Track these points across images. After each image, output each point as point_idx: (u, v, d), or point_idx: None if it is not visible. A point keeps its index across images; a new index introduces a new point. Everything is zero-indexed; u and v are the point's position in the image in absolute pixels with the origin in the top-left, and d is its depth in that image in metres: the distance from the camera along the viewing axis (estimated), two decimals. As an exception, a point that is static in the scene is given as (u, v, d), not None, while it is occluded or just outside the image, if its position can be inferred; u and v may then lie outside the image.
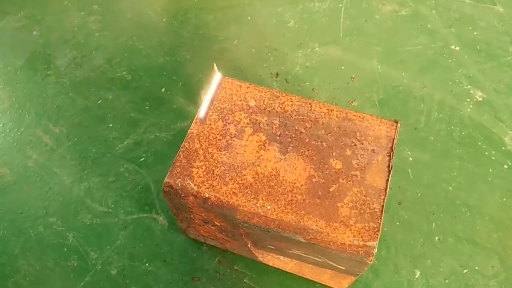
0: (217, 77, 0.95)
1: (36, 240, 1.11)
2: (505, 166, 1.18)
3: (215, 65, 0.97)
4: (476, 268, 1.05)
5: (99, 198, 1.15)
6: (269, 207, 0.82)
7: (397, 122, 0.90)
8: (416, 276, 1.04)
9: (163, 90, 1.34)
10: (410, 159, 1.20)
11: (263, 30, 1.46)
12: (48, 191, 1.17)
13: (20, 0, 1.56)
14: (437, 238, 1.09)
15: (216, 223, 0.90)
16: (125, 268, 1.06)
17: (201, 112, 0.92)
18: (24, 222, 1.13)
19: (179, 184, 0.84)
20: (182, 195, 0.84)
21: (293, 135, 0.89)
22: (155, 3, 1.55)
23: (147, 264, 1.07)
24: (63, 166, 1.21)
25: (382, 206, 0.81)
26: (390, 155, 0.86)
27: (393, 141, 0.88)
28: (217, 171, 0.85)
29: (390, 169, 0.85)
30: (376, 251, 0.78)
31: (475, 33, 1.43)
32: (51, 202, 1.15)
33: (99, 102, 1.32)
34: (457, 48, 1.40)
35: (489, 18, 1.47)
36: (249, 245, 0.95)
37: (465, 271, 1.05)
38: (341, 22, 1.48)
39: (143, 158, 1.21)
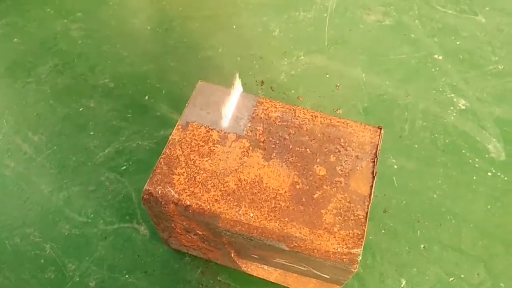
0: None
1: (12, 251, 1.07)
2: (489, 174, 1.18)
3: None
4: (462, 276, 1.04)
5: (79, 208, 1.12)
6: (252, 215, 0.80)
7: (380, 129, 0.90)
8: (402, 285, 1.03)
9: (146, 97, 1.32)
10: (395, 167, 1.19)
11: (249, 39, 1.46)
12: (26, 200, 1.13)
13: (1, 8, 1.54)
14: (422, 246, 1.08)
15: (198, 232, 0.88)
16: (104, 280, 1.03)
17: (184, 118, 0.90)
18: (0, 233, 1.09)
19: (159, 192, 0.82)
20: (163, 203, 0.82)
21: (277, 142, 0.88)
22: (140, 11, 1.54)
23: (127, 276, 1.03)
24: (42, 175, 1.17)
25: (367, 212, 0.80)
26: (374, 161, 0.86)
27: (377, 147, 0.87)
28: (199, 178, 0.83)
29: (374, 175, 0.84)
30: (360, 258, 0.77)
31: (457, 43, 1.45)
32: (29, 212, 1.12)
33: (81, 110, 1.29)
34: (440, 57, 1.42)
35: (471, 28, 1.49)
36: (232, 255, 0.93)
37: (451, 279, 1.04)
38: (326, 31, 1.48)
39: (124, 167, 1.19)
